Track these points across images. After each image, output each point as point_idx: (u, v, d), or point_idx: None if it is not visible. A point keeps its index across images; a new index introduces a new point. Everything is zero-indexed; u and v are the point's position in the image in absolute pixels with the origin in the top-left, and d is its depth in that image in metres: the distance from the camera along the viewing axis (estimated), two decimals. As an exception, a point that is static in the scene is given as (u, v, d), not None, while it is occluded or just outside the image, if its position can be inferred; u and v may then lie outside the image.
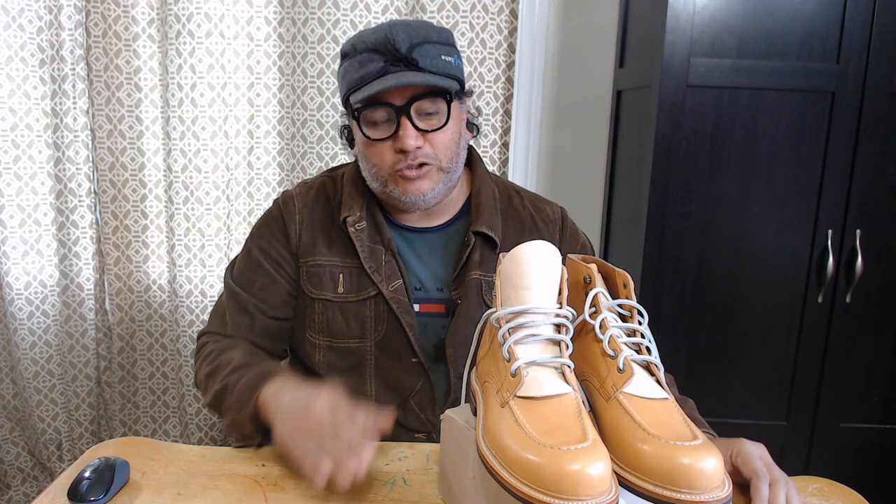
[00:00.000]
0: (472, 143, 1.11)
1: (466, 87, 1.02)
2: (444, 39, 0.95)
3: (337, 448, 0.72)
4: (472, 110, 1.09)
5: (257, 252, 1.04)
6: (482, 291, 1.00)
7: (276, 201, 1.07)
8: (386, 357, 1.00)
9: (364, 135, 0.95)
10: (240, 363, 0.93)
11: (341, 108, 1.04)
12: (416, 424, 1.01)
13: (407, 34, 0.91)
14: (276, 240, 1.03)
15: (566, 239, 1.09)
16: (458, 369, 0.99)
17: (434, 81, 0.91)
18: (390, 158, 0.94)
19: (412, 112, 0.92)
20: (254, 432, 0.85)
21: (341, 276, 1.00)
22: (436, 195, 0.98)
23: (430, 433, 1.01)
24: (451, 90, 0.94)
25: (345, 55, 0.96)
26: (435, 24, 1.15)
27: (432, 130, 0.94)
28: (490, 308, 0.99)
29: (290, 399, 0.81)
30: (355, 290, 1.00)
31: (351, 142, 1.06)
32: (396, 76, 0.89)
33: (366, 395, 1.00)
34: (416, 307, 1.01)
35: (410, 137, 0.92)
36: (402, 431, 1.01)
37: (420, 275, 1.03)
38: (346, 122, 1.05)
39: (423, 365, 0.99)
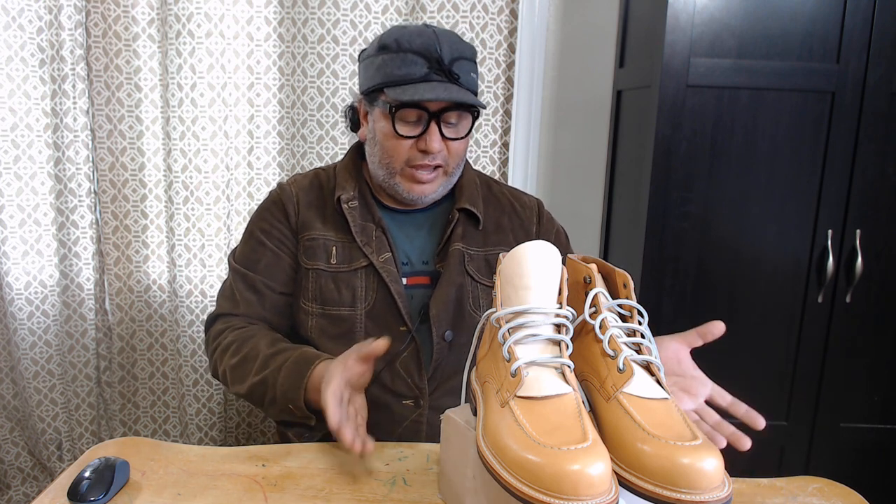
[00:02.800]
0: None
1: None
2: (473, 57, 1.05)
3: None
4: None
5: (259, 233, 1.10)
6: (464, 261, 1.08)
7: (272, 191, 1.15)
8: (375, 325, 1.05)
9: (395, 130, 1.01)
10: (271, 352, 0.97)
11: (350, 94, 1.10)
12: (403, 389, 1.05)
13: (450, 46, 0.99)
14: (277, 220, 1.10)
15: (542, 224, 1.17)
16: (440, 329, 1.05)
17: (470, 100, 0.99)
18: (407, 154, 1.02)
19: (441, 119, 1.00)
20: (308, 415, 0.91)
21: (334, 248, 1.07)
22: (435, 197, 1.08)
23: (418, 399, 1.05)
24: (479, 109, 1.03)
25: (385, 48, 1.01)
26: (459, 34, 1.21)
27: (454, 139, 1.03)
28: (471, 276, 1.07)
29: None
30: (347, 261, 1.06)
31: (354, 123, 1.14)
32: (444, 87, 0.98)
33: None
34: (404, 280, 1.07)
35: (436, 141, 1.00)
36: (391, 397, 1.05)
37: (407, 250, 1.10)
38: (353, 104, 1.13)
39: (409, 332, 1.05)
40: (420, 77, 0.98)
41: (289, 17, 1.72)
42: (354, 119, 1.14)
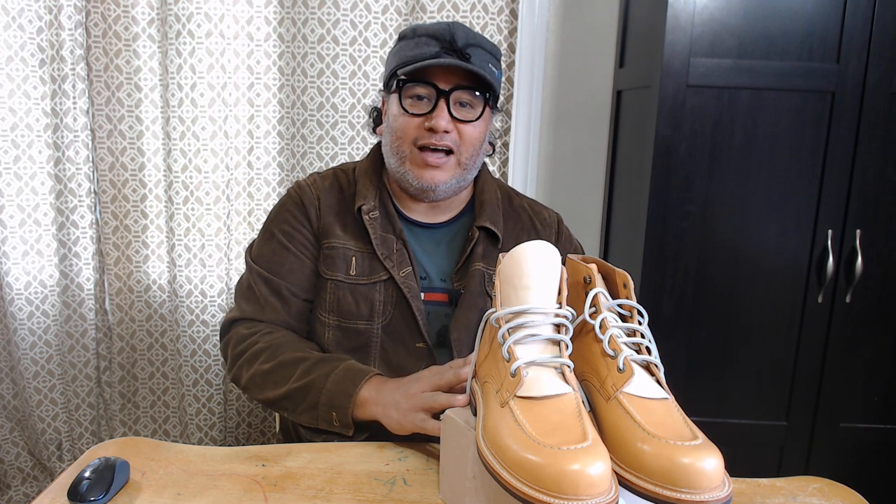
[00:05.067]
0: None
1: (500, 103, 1.10)
2: (495, 52, 1.04)
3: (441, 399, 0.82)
4: (494, 131, 1.16)
5: (281, 235, 1.07)
6: (484, 282, 1.05)
7: (290, 189, 1.11)
8: (391, 341, 1.03)
9: (402, 106, 1.00)
10: (318, 358, 0.97)
11: (373, 90, 1.12)
12: None
13: (465, 33, 0.99)
14: (300, 223, 1.07)
15: (561, 242, 1.15)
16: (461, 353, 1.02)
17: (481, 73, 0.98)
18: (416, 133, 1.00)
19: (451, 98, 0.98)
20: (349, 424, 0.91)
21: (354, 259, 1.04)
22: (446, 189, 1.04)
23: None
24: (493, 89, 1.01)
25: (403, 37, 1.03)
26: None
27: (464, 121, 1.00)
28: (491, 298, 1.04)
29: (389, 391, 0.89)
30: (367, 273, 1.04)
31: (376, 122, 1.13)
32: (450, 60, 0.97)
33: None
34: (422, 296, 1.05)
35: (443, 119, 0.98)
36: None
37: (425, 265, 1.07)
38: (377, 106, 1.13)
39: (427, 349, 1.03)
40: (431, 55, 0.98)
41: (289, 17, 1.72)
42: (377, 118, 1.13)
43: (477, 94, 1.00)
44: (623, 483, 0.56)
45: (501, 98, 1.74)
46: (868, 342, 1.44)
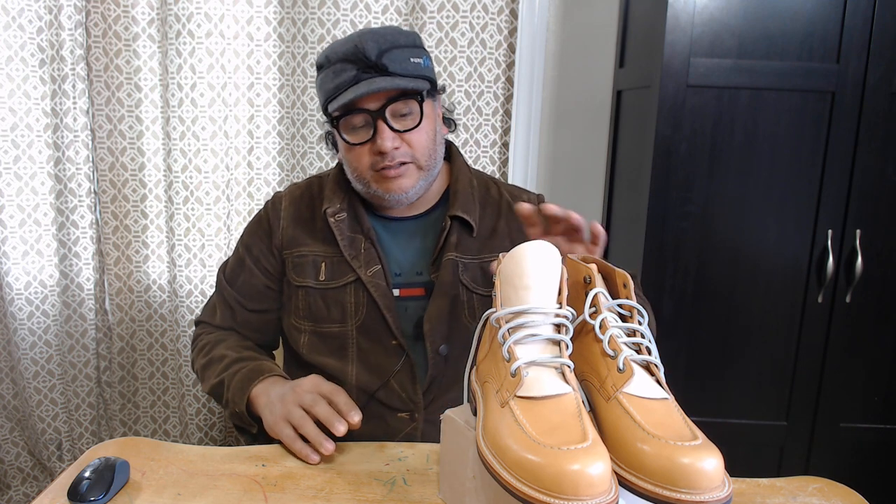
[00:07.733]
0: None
1: (439, 84, 1.08)
2: (411, 43, 1.00)
3: (322, 407, 0.85)
4: (448, 106, 1.16)
5: (243, 250, 1.13)
6: (458, 270, 1.05)
7: (266, 203, 1.15)
8: (366, 340, 1.04)
9: (344, 140, 1.01)
10: (232, 359, 1.02)
11: (323, 116, 1.09)
12: (398, 404, 1.04)
13: (375, 42, 0.96)
14: (259, 238, 1.11)
15: None
16: (435, 344, 1.03)
17: (403, 84, 0.96)
18: (369, 160, 1.01)
19: (387, 115, 0.97)
20: (250, 422, 0.97)
21: (323, 264, 1.06)
22: (417, 191, 1.04)
23: (413, 412, 1.04)
24: (422, 91, 0.99)
25: (320, 67, 1.02)
26: (404, 27, 1.19)
27: (407, 130, 0.99)
28: (465, 287, 1.05)
29: (278, 389, 0.92)
30: (336, 276, 1.05)
31: (336, 146, 1.11)
32: (367, 83, 0.95)
33: (347, 376, 1.04)
34: (397, 292, 1.06)
35: (387, 140, 0.97)
36: (386, 411, 1.04)
37: (400, 260, 1.08)
38: (329, 129, 1.11)
39: (402, 346, 1.03)
40: (350, 81, 0.96)
41: (289, 17, 1.72)
42: (335, 142, 1.12)
43: (409, 98, 0.98)
44: (623, 483, 0.56)
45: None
46: (868, 342, 1.44)
